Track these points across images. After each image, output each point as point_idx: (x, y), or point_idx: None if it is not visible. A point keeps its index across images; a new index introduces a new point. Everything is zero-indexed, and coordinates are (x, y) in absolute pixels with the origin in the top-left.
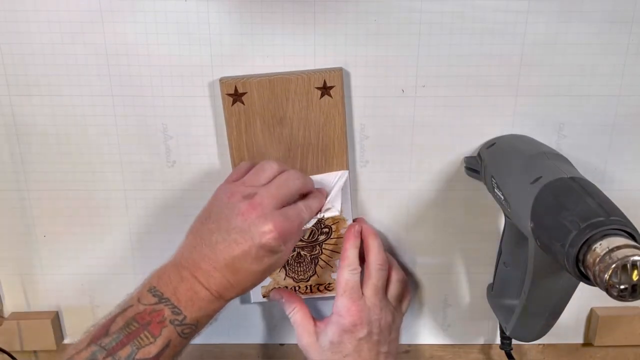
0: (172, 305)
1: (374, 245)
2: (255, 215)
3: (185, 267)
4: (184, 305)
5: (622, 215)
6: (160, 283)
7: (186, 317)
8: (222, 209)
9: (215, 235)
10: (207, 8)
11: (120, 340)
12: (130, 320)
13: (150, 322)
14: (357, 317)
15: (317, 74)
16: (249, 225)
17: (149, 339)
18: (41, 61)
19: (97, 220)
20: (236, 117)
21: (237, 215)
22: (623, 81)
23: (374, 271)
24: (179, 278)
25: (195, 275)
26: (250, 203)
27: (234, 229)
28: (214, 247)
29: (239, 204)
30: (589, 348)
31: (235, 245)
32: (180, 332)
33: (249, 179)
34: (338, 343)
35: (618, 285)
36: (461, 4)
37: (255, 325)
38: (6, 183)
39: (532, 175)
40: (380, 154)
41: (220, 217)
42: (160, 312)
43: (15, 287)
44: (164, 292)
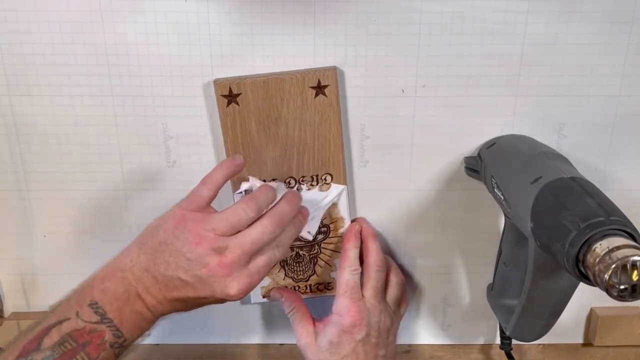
0: (114, 328)
1: (373, 246)
2: (222, 275)
3: (134, 286)
4: (126, 328)
5: (622, 215)
6: (104, 298)
7: (127, 340)
8: (184, 250)
9: (172, 271)
10: (207, 8)
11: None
12: (67, 337)
13: (89, 343)
14: (357, 317)
15: (311, 74)
16: (214, 282)
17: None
18: (41, 61)
19: (97, 220)
20: (231, 118)
21: (203, 268)
22: (623, 81)
23: (373, 273)
24: (125, 297)
25: (144, 298)
26: (219, 262)
27: (194, 277)
28: (169, 281)
29: (207, 257)
30: (589, 348)
31: (193, 290)
32: (117, 354)
33: (220, 226)
34: (337, 344)
35: (618, 285)
36: (461, 4)
37: (255, 325)
38: (6, 183)
39: (532, 175)
40: (380, 154)
41: (181, 256)
42: (101, 333)
43: (15, 287)
44: (107, 311)
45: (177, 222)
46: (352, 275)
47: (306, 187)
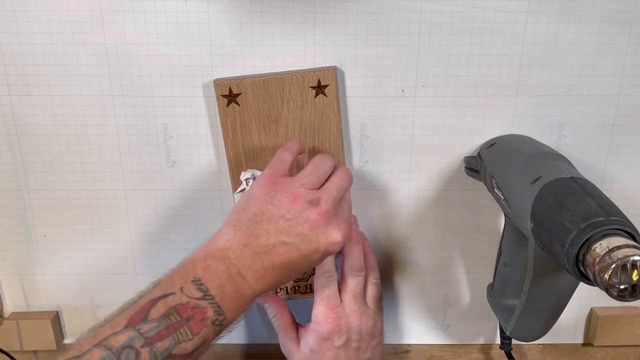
0: (216, 305)
1: (354, 250)
2: (324, 225)
3: (234, 264)
4: (227, 307)
5: (622, 215)
6: (206, 276)
7: (227, 318)
8: (282, 212)
9: (274, 237)
10: (207, 8)
11: (159, 331)
12: (172, 310)
13: (192, 318)
14: (334, 324)
15: (311, 73)
16: (317, 235)
17: (188, 335)
18: (41, 61)
19: (97, 220)
20: (231, 118)
21: (304, 223)
22: (623, 81)
23: (350, 278)
24: (227, 275)
25: (245, 274)
26: (318, 212)
27: (298, 235)
28: (271, 250)
29: (306, 212)
30: (589, 348)
31: (297, 250)
32: (216, 332)
33: (308, 178)
34: (317, 351)
35: (618, 285)
36: (461, 4)
37: (255, 325)
38: (6, 183)
39: (532, 175)
40: (380, 154)
41: (279, 220)
42: (204, 310)
43: (15, 287)
44: (210, 288)
45: (267, 189)
46: (327, 281)
47: None
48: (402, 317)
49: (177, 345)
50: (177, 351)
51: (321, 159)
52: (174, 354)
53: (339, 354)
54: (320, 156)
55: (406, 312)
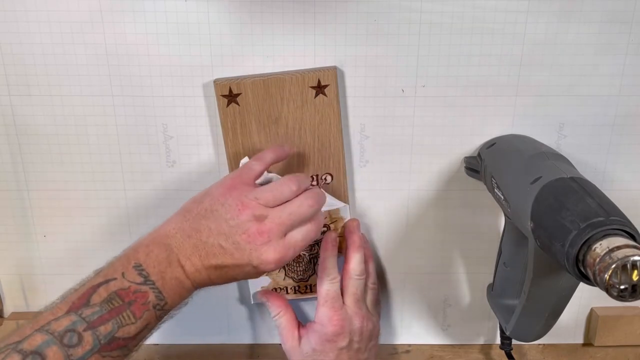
0: (157, 290)
1: (356, 256)
2: (260, 242)
3: (175, 252)
4: (167, 292)
5: (622, 215)
6: (147, 261)
7: (167, 303)
8: (227, 216)
9: (214, 237)
10: (207, 8)
11: (101, 315)
12: (113, 295)
13: (134, 302)
14: (339, 326)
15: (311, 73)
16: (251, 249)
17: (131, 319)
18: (41, 61)
19: (97, 220)
20: (231, 118)
21: (242, 234)
22: (623, 81)
23: (352, 281)
24: (167, 262)
25: (183, 264)
26: (258, 228)
27: (234, 244)
28: (208, 247)
29: (248, 224)
30: (589, 348)
31: (231, 257)
32: (158, 317)
33: (264, 195)
34: (320, 352)
35: (618, 285)
36: (461, 4)
37: (255, 325)
38: (6, 183)
39: (532, 175)
40: (380, 154)
41: (224, 222)
42: (145, 294)
43: (15, 287)
44: (151, 273)
45: (224, 191)
46: (331, 284)
47: None
48: (402, 317)
49: (120, 328)
50: (120, 334)
51: (286, 180)
52: (117, 337)
53: (341, 354)
54: (287, 177)
55: (406, 312)
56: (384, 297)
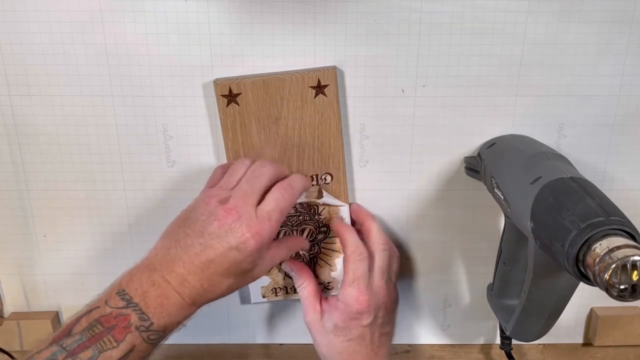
0: (139, 311)
1: (374, 226)
2: (230, 220)
3: (158, 270)
4: (152, 312)
5: (622, 215)
6: (130, 286)
7: (153, 323)
8: (198, 214)
9: (191, 238)
10: (207, 8)
11: (82, 342)
12: (94, 322)
13: (115, 327)
14: (365, 305)
15: (311, 73)
16: (225, 232)
17: (112, 343)
18: (41, 61)
19: (97, 220)
20: (231, 118)
21: (214, 221)
22: (623, 81)
23: (378, 252)
24: (150, 282)
25: (168, 279)
26: (224, 208)
27: (209, 235)
28: (189, 250)
29: (215, 210)
30: (589, 348)
31: (212, 249)
32: (146, 338)
33: (224, 181)
34: (343, 328)
35: (618, 285)
36: (461, 4)
37: (255, 325)
38: (6, 183)
39: (532, 175)
40: (380, 154)
41: (196, 222)
42: (127, 317)
43: (15, 287)
44: (133, 296)
45: (192, 202)
46: (359, 262)
47: None
48: (402, 317)
49: (102, 353)
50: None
51: (237, 161)
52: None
53: (365, 330)
54: (238, 160)
55: (406, 312)
56: None
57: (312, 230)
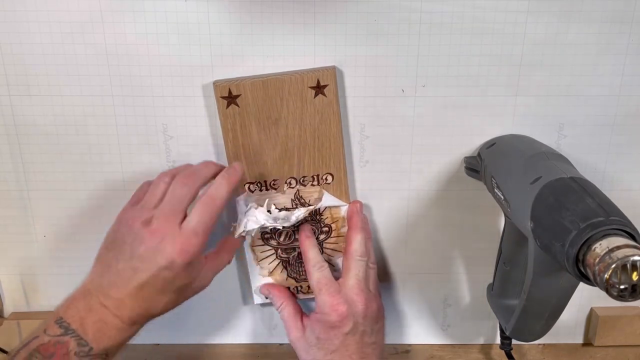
0: (78, 337)
1: (356, 237)
2: (156, 242)
3: (94, 295)
4: (91, 337)
5: (622, 215)
6: (67, 314)
7: (92, 348)
8: (124, 236)
9: (122, 263)
10: (207, 8)
11: None
12: (34, 352)
13: (54, 355)
14: (342, 310)
15: (310, 74)
16: (153, 253)
17: None
18: (41, 61)
19: (97, 220)
20: (231, 119)
21: (140, 245)
22: (623, 81)
23: (354, 262)
24: (87, 308)
25: (105, 304)
26: (149, 231)
27: (138, 258)
28: (121, 274)
29: (140, 233)
30: (589, 348)
31: (143, 272)
32: None
33: (146, 200)
34: (325, 339)
35: (618, 285)
36: (461, 4)
37: (255, 325)
38: (6, 183)
39: (532, 175)
40: (380, 154)
41: (124, 245)
42: (65, 344)
43: (15, 287)
44: (71, 323)
45: (117, 220)
46: (320, 272)
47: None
48: (402, 317)
49: None
50: None
51: (158, 177)
52: None
53: (347, 340)
54: (158, 175)
55: (406, 312)
56: (384, 296)
57: (314, 230)
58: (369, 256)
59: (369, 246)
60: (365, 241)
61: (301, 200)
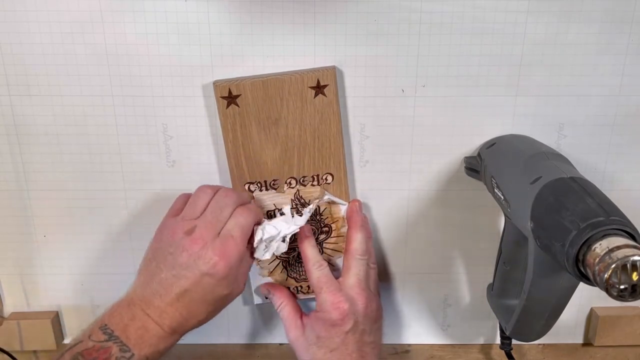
0: (120, 343)
1: (357, 236)
2: (197, 248)
3: (137, 304)
4: (133, 343)
5: (622, 215)
6: (111, 321)
7: (134, 354)
8: (166, 247)
9: (164, 272)
10: (207, 8)
11: None
12: (77, 355)
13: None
14: (343, 308)
15: (310, 74)
16: (194, 260)
17: None
18: (41, 61)
19: (97, 220)
20: (231, 119)
21: (182, 252)
22: (623, 81)
23: (355, 261)
24: (130, 316)
25: (147, 312)
26: (191, 239)
27: (180, 266)
28: (164, 283)
29: (182, 241)
30: (589, 348)
31: (185, 280)
32: None
33: (187, 212)
34: (325, 338)
35: (618, 285)
36: (461, 4)
37: (255, 325)
38: (6, 183)
39: (532, 175)
40: (380, 154)
41: (166, 255)
42: (108, 349)
43: (15, 287)
44: (114, 329)
45: (158, 232)
46: (320, 271)
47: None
48: (402, 317)
49: None
50: None
51: (199, 190)
52: None
53: (347, 338)
54: (199, 188)
55: (406, 312)
56: (384, 296)
57: (314, 230)
58: (369, 255)
59: (369, 245)
60: (365, 240)
61: (301, 200)
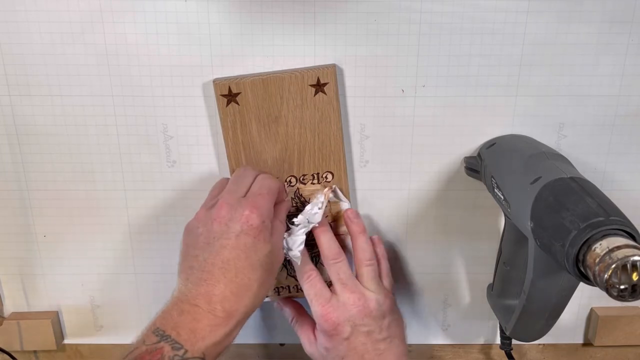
0: (172, 341)
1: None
2: (225, 212)
3: (185, 300)
4: (184, 339)
5: (622, 215)
6: (162, 322)
7: (187, 351)
8: (195, 231)
9: (201, 254)
10: (207, 8)
11: None
12: None
13: None
14: (331, 320)
15: (310, 72)
16: (226, 223)
17: None
18: (41, 61)
19: (97, 220)
20: (231, 117)
21: (212, 223)
22: (623, 81)
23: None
24: (178, 312)
25: (196, 303)
26: (217, 207)
27: (214, 237)
28: (204, 265)
29: (209, 215)
30: (589, 348)
31: (223, 248)
32: None
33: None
34: (331, 348)
35: (618, 285)
36: (461, 4)
37: (255, 325)
38: (6, 183)
39: (532, 175)
40: (380, 154)
41: (198, 238)
42: (160, 350)
43: (15, 287)
44: (166, 329)
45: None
46: (308, 282)
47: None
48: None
49: None
50: None
51: (217, 183)
52: None
53: (351, 343)
54: (218, 181)
55: (406, 312)
56: None
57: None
58: (375, 256)
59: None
60: (368, 244)
61: (301, 199)
